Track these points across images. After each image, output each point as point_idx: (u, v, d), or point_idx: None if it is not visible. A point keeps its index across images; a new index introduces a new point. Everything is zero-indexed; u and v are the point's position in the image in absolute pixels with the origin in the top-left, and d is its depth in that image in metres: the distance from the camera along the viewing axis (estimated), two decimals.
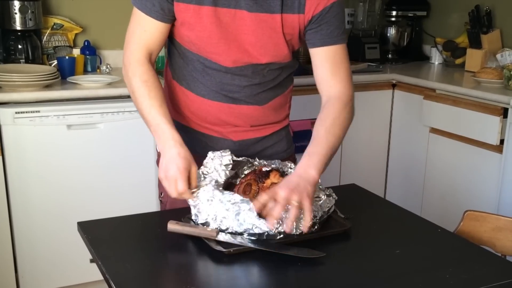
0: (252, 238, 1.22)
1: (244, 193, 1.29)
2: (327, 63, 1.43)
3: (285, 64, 1.49)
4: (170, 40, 1.50)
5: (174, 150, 1.31)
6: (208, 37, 1.40)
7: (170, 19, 1.41)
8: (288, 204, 1.19)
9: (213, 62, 1.44)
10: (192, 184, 1.29)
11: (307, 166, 1.28)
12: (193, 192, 1.28)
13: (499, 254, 1.56)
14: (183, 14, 1.38)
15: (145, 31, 1.41)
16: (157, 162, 1.50)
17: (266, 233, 1.21)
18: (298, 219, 1.23)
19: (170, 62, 1.55)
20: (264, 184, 1.30)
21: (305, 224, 1.21)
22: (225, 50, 1.41)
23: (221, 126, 1.53)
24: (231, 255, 1.20)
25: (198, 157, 1.45)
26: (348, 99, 1.45)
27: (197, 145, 1.54)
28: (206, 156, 1.41)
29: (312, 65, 1.46)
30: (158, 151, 1.45)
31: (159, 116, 1.36)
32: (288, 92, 1.59)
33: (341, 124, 1.40)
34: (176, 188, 1.27)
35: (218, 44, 1.40)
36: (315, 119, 3.00)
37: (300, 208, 1.20)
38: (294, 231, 1.22)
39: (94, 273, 1.38)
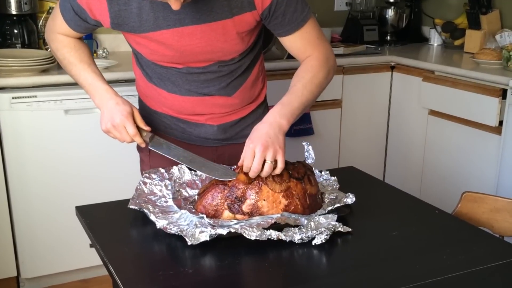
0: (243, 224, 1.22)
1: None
2: (297, 45, 1.44)
3: (248, 52, 1.49)
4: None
5: (112, 102, 1.40)
6: (162, 55, 1.42)
7: (88, 32, 1.50)
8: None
9: (173, 68, 1.46)
10: (139, 123, 1.39)
11: (278, 115, 1.31)
12: (144, 135, 1.39)
13: (497, 235, 1.57)
14: (128, 38, 1.43)
15: (66, 26, 1.46)
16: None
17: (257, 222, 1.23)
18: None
19: (137, 59, 1.55)
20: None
21: (276, 172, 1.27)
22: (183, 62, 1.43)
23: (199, 115, 1.55)
24: (224, 238, 1.20)
25: (176, 142, 1.52)
26: (325, 59, 1.44)
27: (176, 129, 1.57)
28: (184, 141, 1.52)
29: (284, 47, 1.48)
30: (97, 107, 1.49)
31: (90, 75, 1.45)
32: (256, 70, 1.58)
33: (318, 82, 1.41)
34: (127, 132, 1.37)
35: (173, 59, 1.42)
36: (315, 101, 2.99)
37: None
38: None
39: (93, 258, 1.38)
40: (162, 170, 1.43)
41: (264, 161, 1.25)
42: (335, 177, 1.49)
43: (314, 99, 1.41)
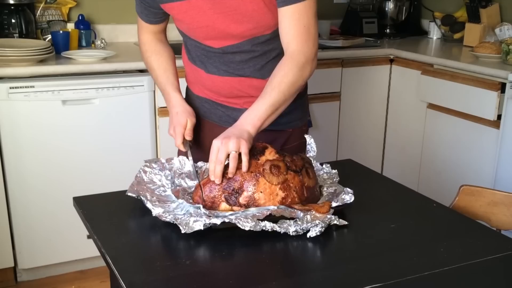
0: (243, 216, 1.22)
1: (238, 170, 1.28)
2: (284, 22, 1.41)
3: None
4: None
5: (174, 110, 1.55)
6: (197, 28, 1.47)
7: (160, 20, 1.61)
8: (227, 154, 1.25)
9: (207, 46, 1.51)
10: (186, 136, 1.51)
11: (244, 120, 1.34)
12: (187, 145, 1.50)
13: (494, 229, 1.57)
14: (171, 12, 1.50)
15: (142, 22, 1.63)
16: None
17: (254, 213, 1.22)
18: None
19: (184, 43, 1.63)
20: (259, 161, 1.29)
21: (243, 165, 1.25)
22: (215, 35, 1.47)
23: (237, 98, 1.58)
24: (221, 230, 1.19)
25: (215, 126, 1.63)
26: (302, 58, 1.41)
27: (215, 114, 1.64)
28: (223, 125, 1.57)
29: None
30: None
31: (164, 81, 1.60)
32: None
33: (289, 81, 1.38)
34: (175, 142, 1.51)
35: (208, 29, 1.46)
36: (311, 94, 2.99)
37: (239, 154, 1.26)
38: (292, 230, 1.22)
39: (90, 249, 1.38)
40: (163, 160, 1.43)
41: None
42: (336, 170, 1.48)
43: (287, 98, 1.39)
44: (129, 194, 1.32)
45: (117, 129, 2.49)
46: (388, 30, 3.55)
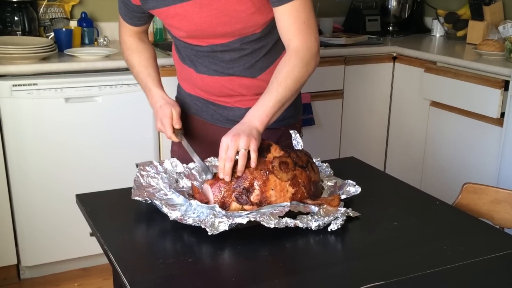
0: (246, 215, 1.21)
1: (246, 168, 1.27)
2: (283, 20, 1.40)
3: (271, 29, 1.48)
4: None
5: (157, 105, 1.54)
6: (185, 32, 1.47)
7: (144, 22, 1.61)
8: (237, 150, 1.25)
9: (196, 45, 1.50)
10: (175, 125, 1.50)
11: (251, 116, 1.33)
12: (179, 134, 1.51)
13: (497, 227, 1.57)
14: (159, 16, 1.49)
15: (124, 23, 1.62)
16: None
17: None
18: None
19: (175, 44, 1.62)
20: (266, 159, 1.28)
21: (252, 161, 1.25)
22: (205, 36, 1.46)
23: (228, 97, 1.58)
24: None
25: (207, 124, 1.64)
26: (306, 54, 1.40)
27: (206, 112, 1.63)
28: (214, 123, 1.61)
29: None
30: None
31: (144, 77, 1.59)
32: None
33: (295, 77, 1.37)
34: (166, 135, 1.51)
35: (196, 32, 1.46)
36: (314, 92, 2.99)
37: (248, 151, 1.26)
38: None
39: (93, 246, 1.38)
40: (156, 163, 1.42)
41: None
42: (327, 163, 1.49)
43: (293, 94, 1.39)
44: (136, 198, 1.30)
45: (120, 127, 2.49)
46: (391, 28, 3.55)
